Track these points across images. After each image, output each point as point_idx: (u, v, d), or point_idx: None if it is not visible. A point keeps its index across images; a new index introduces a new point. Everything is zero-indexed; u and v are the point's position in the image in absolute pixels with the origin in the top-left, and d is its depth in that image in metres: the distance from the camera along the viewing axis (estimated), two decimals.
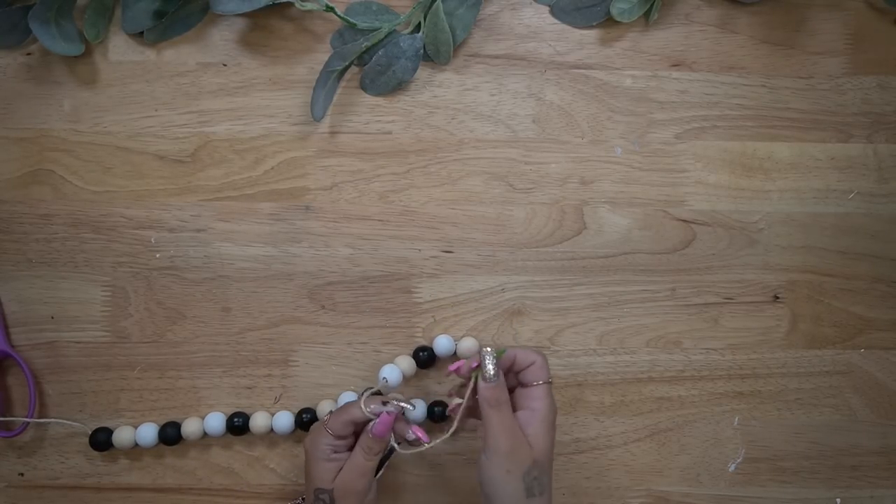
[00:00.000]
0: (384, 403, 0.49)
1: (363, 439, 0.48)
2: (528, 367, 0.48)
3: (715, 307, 0.57)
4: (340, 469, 0.48)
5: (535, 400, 0.47)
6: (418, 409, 0.55)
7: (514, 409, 0.48)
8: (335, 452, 0.49)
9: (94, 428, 0.55)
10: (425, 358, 0.55)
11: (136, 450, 0.56)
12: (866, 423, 0.57)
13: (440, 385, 0.57)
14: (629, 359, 0.57)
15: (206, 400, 0.56)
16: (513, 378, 0.49)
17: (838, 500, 0.57)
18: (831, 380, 0.57)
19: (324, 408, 0.55)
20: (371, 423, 0.48)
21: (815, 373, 0.57)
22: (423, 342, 0.56)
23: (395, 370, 0.54)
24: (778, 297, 0.57)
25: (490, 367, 0.46)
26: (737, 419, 0.57)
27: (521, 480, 0.45)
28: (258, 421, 0.55)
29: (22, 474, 0.56)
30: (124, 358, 0.56)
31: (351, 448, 0.49)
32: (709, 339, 0.57)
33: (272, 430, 0.55)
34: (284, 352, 0.56)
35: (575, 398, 0.57)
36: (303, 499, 0.54)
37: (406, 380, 0.55)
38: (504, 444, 0.45)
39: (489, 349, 0.47)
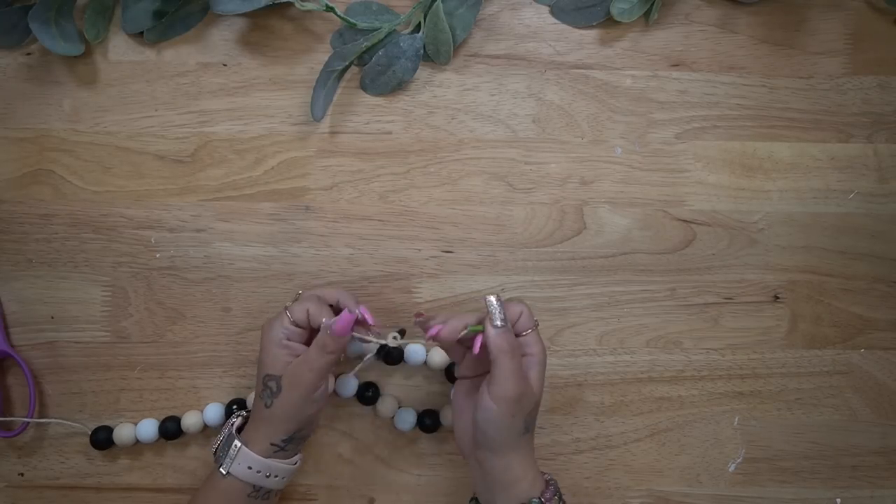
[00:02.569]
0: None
1: (320, 336, 0.48)
2: (518, 317, 0.48)
3: (715, 307, 0.57)
4: (292, 359, 0.48)
5: (530, 346, 0.48)
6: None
7: None
8: (288, 339, 0.49)
9: (95, 427, 0.55)
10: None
11: (136, 449, 0.56)
12: (866, 423, 0.57)
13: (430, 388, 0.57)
14: (629, 359, 0.57)
15: (207, 400, 0.56)
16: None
17: (838, 500, 0.57)
18: (831, 380, 0.57)
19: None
20: (332, 320, 0.48)
21: (815, 373, 0.57)
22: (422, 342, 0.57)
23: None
24: (778, 297, 0.57)
25: (499, 315, 0.46)
26: (737, 419, 0.57)
27: (523, 422, 0.46)
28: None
29: (22, 474, 0.56)
30: (124, 358, 0.56)
31: (308, 343, 0.50)
32: (709, 339, 0.57)
33: None
34: None
35: (575, 398, 0.57)
36: (235, 410, 0.52)
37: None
38: (514, 390, 0.46)
39: (493, 298, 0.47)
